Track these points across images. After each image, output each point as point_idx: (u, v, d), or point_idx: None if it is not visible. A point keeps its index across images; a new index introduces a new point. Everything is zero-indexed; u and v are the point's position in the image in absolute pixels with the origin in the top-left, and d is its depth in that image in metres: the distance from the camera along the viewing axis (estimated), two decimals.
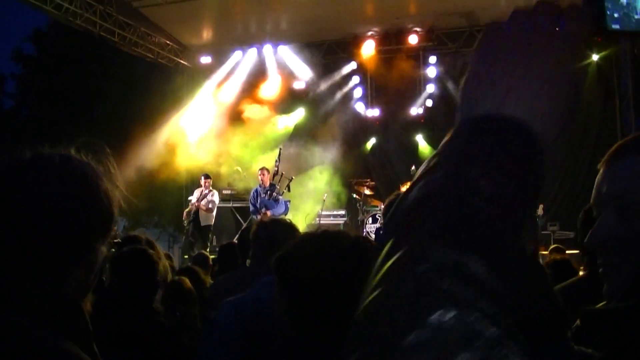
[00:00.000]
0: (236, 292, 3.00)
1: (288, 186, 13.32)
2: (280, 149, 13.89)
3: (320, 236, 1.94)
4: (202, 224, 13.78)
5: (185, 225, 14.01)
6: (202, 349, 2.93)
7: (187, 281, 4.56)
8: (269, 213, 12.49)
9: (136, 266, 3.47)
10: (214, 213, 14.13)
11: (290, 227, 3.16)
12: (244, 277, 3.46)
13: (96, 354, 1.25)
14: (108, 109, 23.18)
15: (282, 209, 12.98)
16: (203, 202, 13.82)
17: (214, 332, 2.86)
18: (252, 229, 3.20)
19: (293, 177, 13.71)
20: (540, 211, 15.68)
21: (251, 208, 13.14)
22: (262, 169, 13.41)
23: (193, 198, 14.14)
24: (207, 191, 13.98)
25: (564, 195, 16.52)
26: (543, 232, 14.97)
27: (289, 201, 13.51)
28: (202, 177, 14.22)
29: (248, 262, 4.28)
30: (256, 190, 13.19)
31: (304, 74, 17.68)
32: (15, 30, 46.83)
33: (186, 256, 13.44)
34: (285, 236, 2.99)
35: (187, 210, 14.24)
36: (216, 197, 14.10)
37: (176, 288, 4.42)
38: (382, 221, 14.82)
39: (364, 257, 1.79)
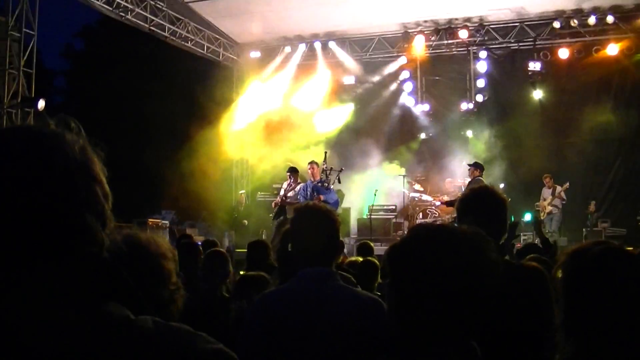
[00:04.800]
0: None
1: (338, 178, 13.22)
2: (326, 152, 13.67)
3: (436, 230, 1.84)
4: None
5: (272, 219, 13.67)
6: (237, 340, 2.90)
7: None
8: (322, 197, 12.36)
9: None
10: None
11: (329, 214, 2.94)
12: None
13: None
14: (157, 106, 23.40)
15: (334, 196, 12.82)
16: (291, 195, 13.25)
17: (244, 325, 2.86)
18: (292, 217, 3.11)
19: (343, 169, 13.58)
20: (592, 208, 15.49)
21: (302, 202, 12.98)
22: (311, 162, 13.30)
23: (281, 192, 13.63)
24: (294, 185, 13.41)
25: (615, 192, 16.27)
26: (594, 229, 14.79)
27: (339, 199, 13.38)
28: (288, 172, 13.68)
29: None
30: (306, 184, 13.12)
31: (353, 69, 17.70)
32: (66, 27, 47.63)
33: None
34: (322, 224, 2.85)
35: (273, 203, 13.75)
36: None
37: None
38: (446, 215, 14.71)
39: (483, 254, 1.71)
